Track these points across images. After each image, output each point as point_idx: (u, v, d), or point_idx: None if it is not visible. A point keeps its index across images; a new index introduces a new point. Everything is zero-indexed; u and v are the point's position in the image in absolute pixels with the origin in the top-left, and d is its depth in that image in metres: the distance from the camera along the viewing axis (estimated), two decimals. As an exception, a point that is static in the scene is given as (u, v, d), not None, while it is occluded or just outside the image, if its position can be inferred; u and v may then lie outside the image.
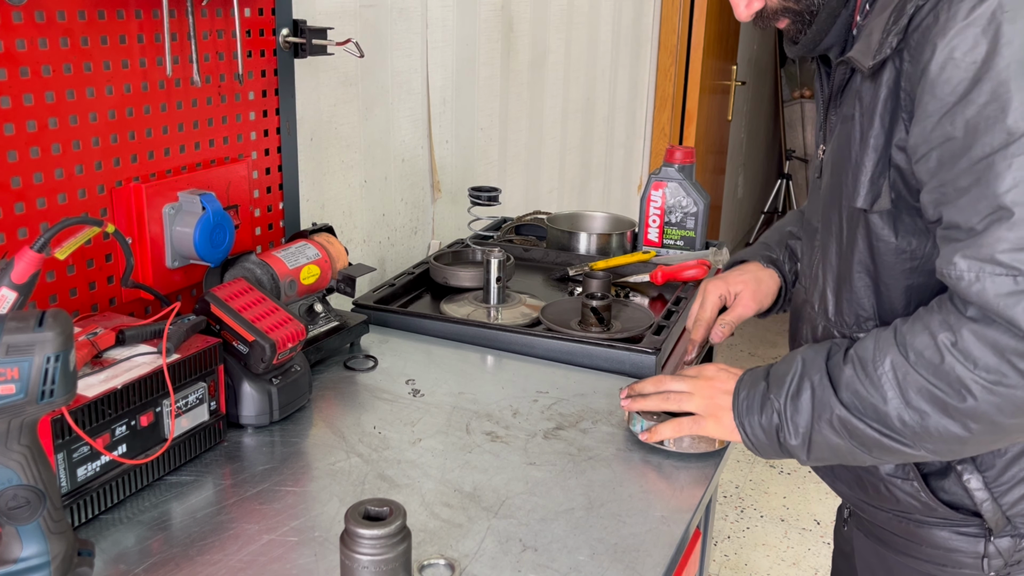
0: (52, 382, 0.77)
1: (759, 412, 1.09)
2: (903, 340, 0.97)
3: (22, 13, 1.10)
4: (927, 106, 0.94)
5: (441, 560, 0.97)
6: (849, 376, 1.01)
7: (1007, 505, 1.08)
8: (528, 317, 1.67)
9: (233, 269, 1.36)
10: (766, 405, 1.08)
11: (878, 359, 0.99)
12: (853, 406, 1.00)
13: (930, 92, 0.93)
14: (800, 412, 1.05)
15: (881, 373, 0.98)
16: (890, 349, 0.98)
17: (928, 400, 0.95)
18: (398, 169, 2.06)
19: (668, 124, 4.02)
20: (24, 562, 0.81)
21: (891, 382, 0.97)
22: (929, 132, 0.94)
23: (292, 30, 1.53)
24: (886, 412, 0.98)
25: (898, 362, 0.97)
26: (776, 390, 1.08)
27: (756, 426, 1.09)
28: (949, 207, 0.94)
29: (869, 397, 0.99)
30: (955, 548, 1.12)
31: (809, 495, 3.29)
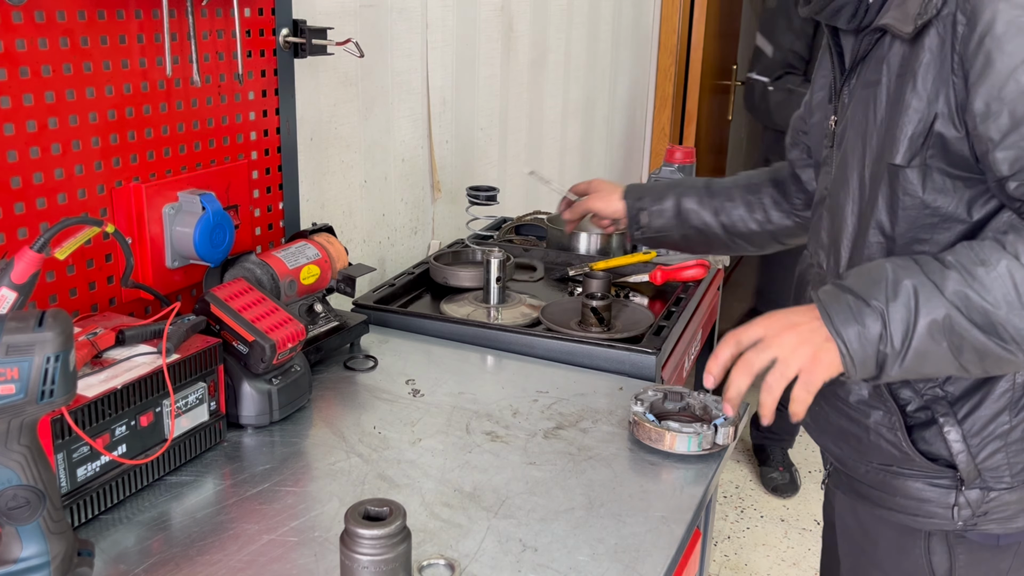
0: (52, 382, 0.77)
1: (859, 322, 1.01)
2: (1015, 249, 0.98)
3: (22, 13, 1.10)
4: (995, 64, 0.96)
5: (441, 560, 0.97)
6: (956, 280, 0.99)
7: (980, 459, 1.13)
8: (528, 317, 1.67)
9: (233, 269, 1.36)
10: (864, 312, 1.01)
11: (989, 264, 0.98)
12: (961, 308, 0.98)
13: (998, 50, 0.95)
14: (900, 314, 1.00)
15: (994, 278, 0.97)
16: (1002, 256, 0.98)
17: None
18: (398, 169, 2.06)
19: (668, 124, 4.02)
20: (24, 562, 0.81)
21: (1007, 286, 0.97)
22: (1000, 90, 0.96)
23: (292, 30, 1.53)
24: (998, 315, 0.97)
25: (1014, 267, 0.97)
26: (875, 295, 1.01)
27: (856, 338, 1.01)
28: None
29: (981, 301, 0.97)
30: (927, 499, 1.17)
31: (809, 495, 3.29)
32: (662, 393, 1.31)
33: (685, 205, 1.53)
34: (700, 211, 1.53)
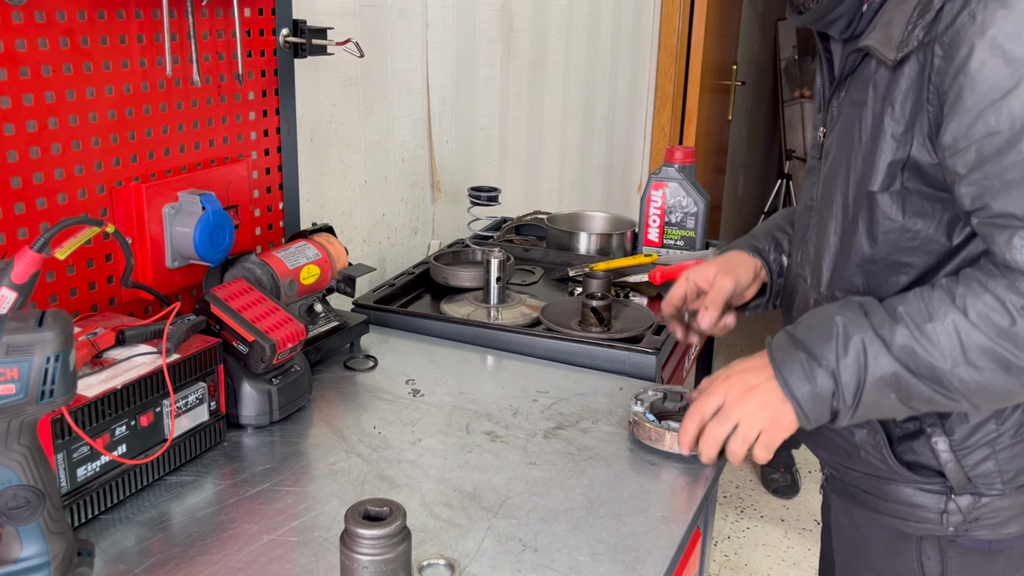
0: (52, 382, 0.77)
1: (811, 381, 1.05)
2: (963, 302, 0.99)
3: (22, 13, 1.10)
4: (966, 101, 0.96)
5: (441, 560, 0.97)
6: (904, 335, 1.01)
7: (968, 467, 1.14)
8: (528, 317, 1.67)
9: (233, 269, 1.36)
10: (816, 372, 1.05)
11: (936, 319, 1.00)
12: (908, 364, 1.01)
13: (969, 87, 0.95)
14: (851, 372, 1.03)
15: (940, 333, 0.99)
16: (949, 309, 0.99)
17: (991, 359, 0.98)
18: (398, 169, 2.06)
19: (668, 124, 4.02)
20: (24, 562, 0.81)
21: (952, 341, 0.99)
22: (968, 127, 0.96)
23: (292, 30, 1.53)
24: (943, 370, 1.00)
25: (960, 322, 0.98)
26: (825, 353, 1.04)
27: (810, 397, 1.05)
28: (998, 199, 0.96)
29: (927, 356, 1.00)
30: (919, 504, 1.18)
31: (809, 495, 3.29)
32: (662, 393, 1.31)
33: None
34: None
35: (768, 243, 1.42)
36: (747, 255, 1.39)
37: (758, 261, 1.39)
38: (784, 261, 1.40)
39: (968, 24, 0.95)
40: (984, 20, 0.94)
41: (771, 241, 1.42)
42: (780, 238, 1.43)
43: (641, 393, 1.30)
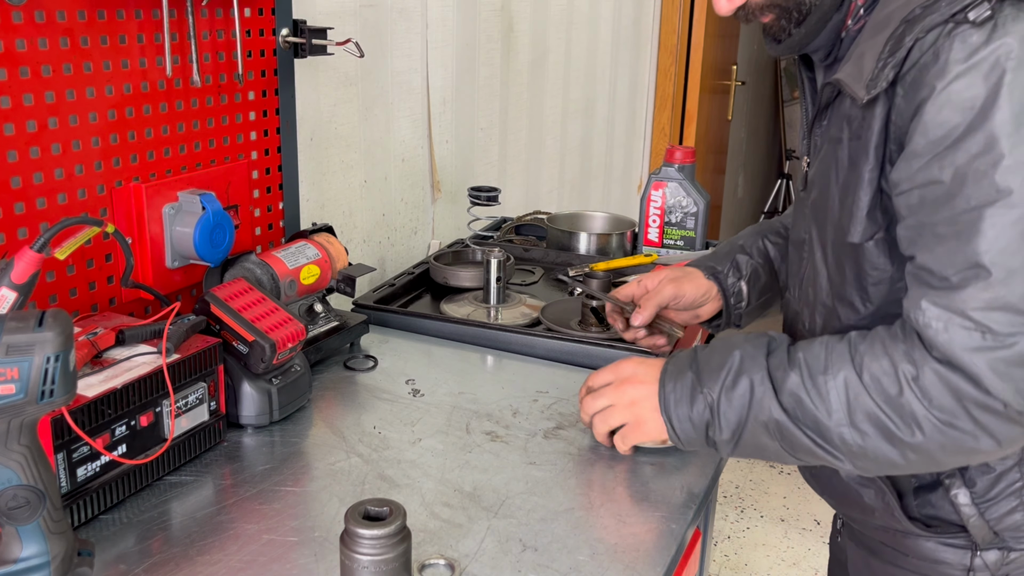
0: (52, 382, 0.77)
1: (689, 404, 1.06)
2: (860, 361, 0.96)
3: (22, 13, 1.10)
4: (916, 145, 0.91)
5: (441, 560, 0.97)
6: (795, 383, 0.99)
7: (994, 520, 1.07)
8: (528, 317, 1.67)
9: (233, 269, 1.36)
10: (696, 398, 1.05)
11: (830, 372, 0.97)
12: (793, 413, 0.99)
13: (922, 132, 0.91)
14: (733, 408, 1.03)
15: (831, 388, 0.97)
16: (844, 365, 0.97)
17: (875, 425, 0.95)
18: (398, 169, 2.06)
19: (668, 124, 4.02)
20: (24, 562, 0.81)
21: (840, 399, 0.97)
22: (915, 171, 0.92)
23: (292, 30, 1.53)
24: (827, 426, 0.97)
25: (852, 381, 0.96)
26: (709, 382, 1.04)
27: (685, 419, 1.06)
28: (924, 251, 0.93)
29: (813, 409, 0.98)
30: (942, 560, 1.12)
31: (809, 495, 3.29)
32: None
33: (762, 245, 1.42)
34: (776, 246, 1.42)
35: (727, 265, 1.39)
36: (702, 276, 1.38)
37: (713, 285, 1.38)
38: (743, 287, 1.38)
39: (931, 64, 0.89)
40: (947, 62, 0.88)
41: (731, 264, 1.39)
42: (741, 261, 1.39)
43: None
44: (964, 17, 0.87)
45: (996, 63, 0.86)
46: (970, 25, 0.87)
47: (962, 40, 0.88)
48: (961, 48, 0.88)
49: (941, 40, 0.89)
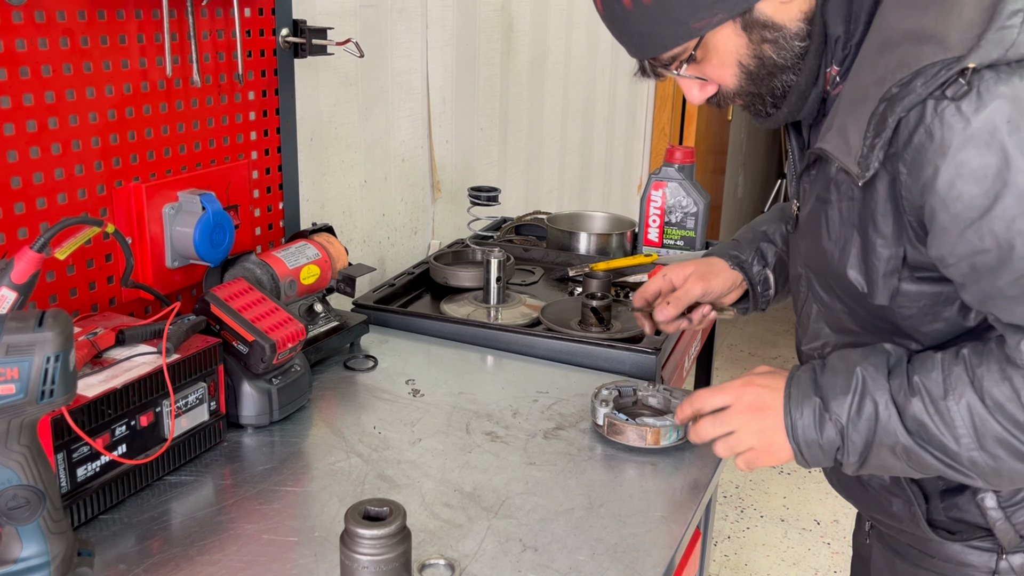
0: (52, 382, 0.77)
1: (818, 431, 1.04)
2: (980, 385, 0.96)
3: (22, 13, 1.10)
4: (941, 221, 0.92)
5: (441, 560, 0.97)
6: (918, 409, 0.98)
7: (1020, 524, 1.08)
8: (528, 317, 1.67)
9: (233, 269, 1.36)
10: (825, 424, 1.03)
11: (951, 399, 0.97)
12: (920, 437, 0.99)
13: (942, 208, 0.91)
14: (860, 433, 1.02)
15: (955, 415, 0.96)
16: (965, 391, 0.96)
17: (1006, 448, 0.96)
18: (398, 169, 2.06)
19: (668, 124, 4.02)
20: (24, 562, 0.81)
21: (966, 426, 0.96)
22: (953, 246, 0.93)
23: (292, 30, 1.53)
24: (956, 452, 0.97)
25: (976, 408, 0.96)
26: (836, 408, 1.03)
27: (814, 446, 1.05)
28: (1003, 311, 0.94)
29: (939, 435, 0.98)
30: (967, 562, 1.12)
31: (809, 495, 3.29)
32: (616, 391, 1.31)
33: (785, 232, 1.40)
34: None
35: (752, 254, 1.38)
36: (727, 266, 1.37)
37: (739, 275, 1.37)
38: (769, 275, 1.37)
39: (927, 143, 0.90)
40: (943, 139, 0.88)
41: (755, 253, 1.39)
42: (765, 249, 1.39)
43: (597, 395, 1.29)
44: (942, 95, 0.88)
45: (994, 129, 0.87)
46: (952, 100, 0.88)
47: (952, 115, 0.88)
48: (954, 123, 0.88)
49: (930, 118, 0.89)
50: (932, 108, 0.89)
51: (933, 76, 0.88)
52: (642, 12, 0.98)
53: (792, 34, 1.01)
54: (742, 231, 1.45)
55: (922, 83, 0.89)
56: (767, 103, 1.07)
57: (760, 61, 1.02)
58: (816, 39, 1.01)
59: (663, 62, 1.04)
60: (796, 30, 1.01)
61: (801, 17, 1.01)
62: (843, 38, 1.01)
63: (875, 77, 0.94)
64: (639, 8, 0.98)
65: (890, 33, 0.95)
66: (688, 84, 1.07)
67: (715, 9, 0.97)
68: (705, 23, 0.98)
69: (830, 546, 3.00)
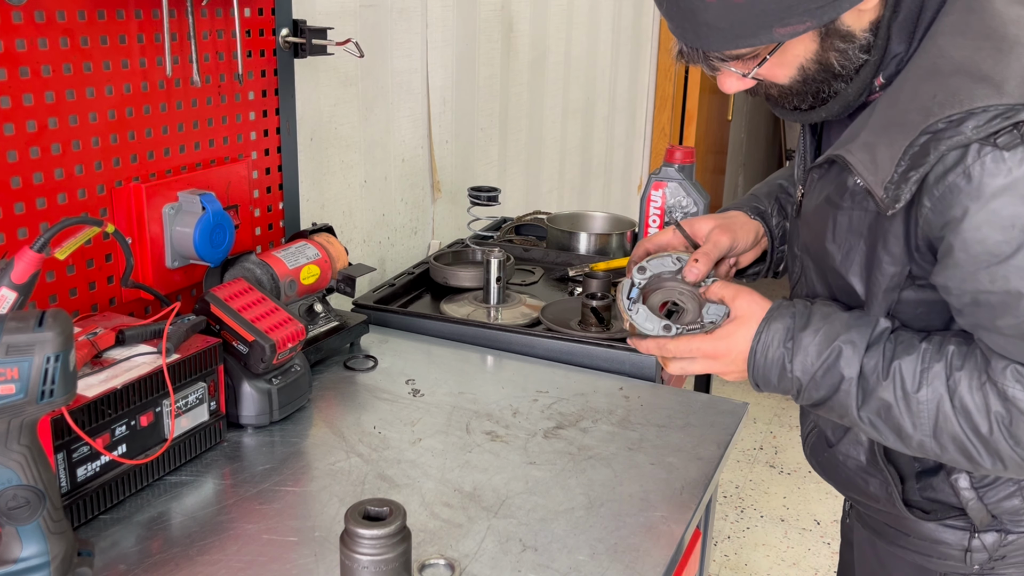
0: (52, 382, 0.77)
1: (777, 379, 1.06)
2: (955, 387, 0.97)
3: (22, 13, 1.10)
4: (958, 257, 0.92)
5: (441, 560, 0.97)
6: (887, 393, 1.00)
7: (992, 503, 1.10)
8: (528, 317, 1.67)
9: (233, 269, 1.36)
10: (785, 377, 1.05)
11: (923, 390, 0.98)
12: (878, 414, 1.01)
13: (962, 248, 0.92)
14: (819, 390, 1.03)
15: (923, 408, 0.98)
16: (939, 388, 0.98)
17: (957, 446, 0.98)
18: (398, 169, 2.06)
19: (668, 124, 4.02)
20: (24, 562, 0.81)
21: (928, 418, 0.98)
22: (961, 281, 0.94)
23: (292, 30, 1.53)
24: (910, 435, 1.00)
25: (944, 406, 0.97)
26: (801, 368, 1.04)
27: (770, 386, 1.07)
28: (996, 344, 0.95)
29: (899, 418, 0.99)
30: (941, 540, 1.15)
31: (809, 495, 3.29)
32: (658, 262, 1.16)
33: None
34: None
35: (771, 205, 1.33)
36: (748, 217, 1.29)
37: (760, 225, 1.30)
38: (787, 227, 1.31)
39: (963, 184, 0.90)
40: (981, 183, 0.89)
41: (774, 203, 1.33)
42: (784, 201, 1.34)
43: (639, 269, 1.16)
44: (994, 142, 0.88)
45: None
46: (1000, 149, 0.88)
47: (995, 161, 0.88)
48: (995, 169, 0.88)
49: (971, 160, 0.89)
50: (976, 151, 0.89)
51: (987, 122, 0.88)
52: (726, 8, 0.93)
53: (860, 46, 0.99)
54: (758, 186, 1.40)
55: (973, 126, 0.89)
56: (806, 102, 1.05)
57: (822, 67, 1.01)
58: (877, 52, 1.00)
59: (724, 57, 1.00)
60: (864, 41, 0.99)
61: (869, 28, 0.99)
62: (901, 55, 1.00)
63: (918, 104, 0.93)
64: (724, 3, 0.93)
65: (940, 60, 0.94)
66: (730, 74, 1.04)
67: (804, 17, 0.94)
68: (790, 30, 0.95)
69: (830, 546, 3.00)
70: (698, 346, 1.09)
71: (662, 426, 1.31)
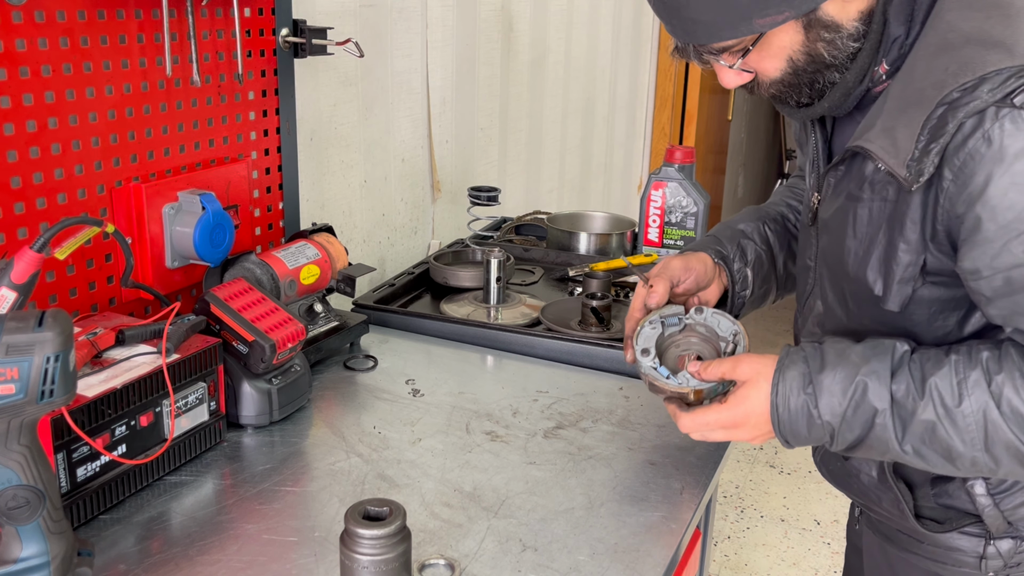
0: (52, 382, 0.77)
1: (807, 430, 1.02)
2: (1000, 391, 0.94)
3: (22, 13, 1.10)
4: (986, 231, 0.90)
5: (441, 560, 0.97)
6: (929, 413, 0.96)
7: (1008, 510, 1.09)
8: (528, 317, 1.67)
9: (233, 269, 1.36)
10: (814, 426, 1.01)
11: (965, 402, 0.95)
12: (922, 440, 0.97)
13: (990, 218, 0.89)
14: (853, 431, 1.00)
15: (970, 420, 0.95)
16: (983, 396, 0.95)
17: (1012, 454, 0.95)
18: (398, 169, 2.06)
19: (668, 124, 4.02)
20: (24, 562, 0.81)
21: (978, 430, 0.95)
22: (993, 257, 0.91)
23: (292, 30, 1.53)
24: (962, 452, 0.96)
25: (991, 414, 0.95)
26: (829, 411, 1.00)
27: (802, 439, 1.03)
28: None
29: (947, 437, 0.96)
30: (956, 547, 1.13)
31: (809, 495, 3.29)
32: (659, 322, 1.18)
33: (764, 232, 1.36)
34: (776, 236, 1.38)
35: (733, 250, 1.33)
36: (710, 259, 1.30)
37: (719, 267, 1.31)
38: (748, 274, 1.33)
39: (984, 149, 0.88)
40: (1002, 145, 0.87)
41: (736, 249, 1.33)
42: (747, 247, 1.34)
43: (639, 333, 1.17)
44: (1011, 102, 0.87)
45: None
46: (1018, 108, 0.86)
47: (1013, 122, 0.87)
48: (1015, 130, 0.87)
49: (989, 124, 0.88)
50: (993, 114, 0.87)
51: (1002, 83, 0.87)
52: (707, 1, 0.95)
53: (848, 34, 0.99)
54: (719, 228, 1.40)
55: (988, 89, 0.88)
56: (803, 94, 1.05)
57: (811, 58, 1.01)
58: (872, 39, 1.00)
59: (713, 50, 1.02)
60: (852, 30, 0.99)
61: (858, 17, 0.99)
62: (902, 38, 0.99)
63: (932, 79, 0.92)
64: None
65: (950, 34, 0.93)
66: (726, 68, 1.05)
67: (783, 7, 0.95)
68: (769, 20, 0.96)
69: (830, 546, 3.00)
70: (715, 418, 1.07)
71: (662, 426, 1.31)
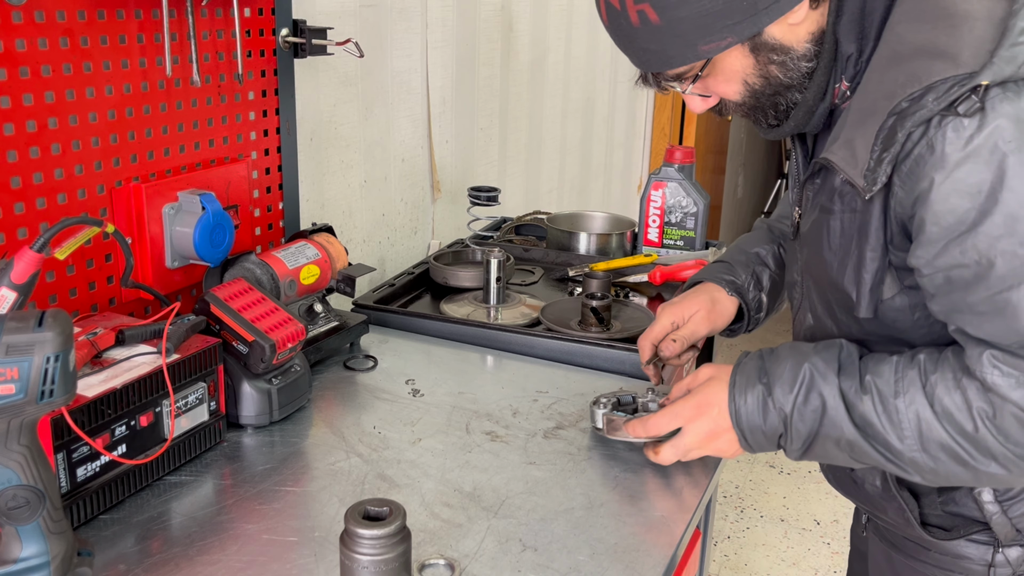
0: (52, 382, 0.77)
1: (761, 417, 1.07)
2: (932, 392, 0.97)
3: (22, 13, 1.10)
4: (930, 233, 0.93)
5: (441, 560, 0.97)
6: (867, 408, 1.00)
7: (1016, 517, 1.09)
8: (528, 317, 1.67)
9: (233, 269, 1.36)
10: (769, 411, 1.06)
11: (901, 400, 0.98)
12: (865, 433, 1.01)
13: (932, 220, 0.92)
14: (805, 423, 1.04)
15: (903, 416, 0.98)
16: (916, 395, 0.98)
17: (948, 454, 0.97)
18: (398, 169, 2.06)
19: (668, 124, 4.02)
20: (24, 562, 0.81)
21: (912, 428, 0.98)
22: (934, 257, 0.94)
23: (292, 30, 1.53)
24: (900, 450, 0.99)
25: (924, 413, 0.97)
26: (781, 396, 1.05)
27: (757, 432, 1.08)
28: (971, 326, 0.95)
29: (884, 433, 0.99)
30: (964, 555, 1.13)
31: (809, 495, 3.29)
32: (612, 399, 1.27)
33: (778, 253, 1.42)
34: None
35: (748, 279, 1.38)
36: (725, 294, 1.37)
37: (737, 301, 1.37)
38: (763, 299, 1.38)
39: (927, 155, 0.91)
40: (944, 152, 0.90)
41: (751, 277, 1.39)
42: (761, 274, 1.39)
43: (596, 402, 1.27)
44: (955, 111, 0.89)
45: (994, 147, 0.88)
46: (961, 116, 0.89)
47: (955, 130, 0.89)
48: (955, 138, 0.89)
49: (933, 131, 0.90)
50: (937, 122, 0.90)
51: (945, 92, 0.89)
52: (650, 30, 0.97)
53: (799, 55, 1.01)
54: (731, 251, 1.45)
55: (934, 98, 0.89)
56: (769, 116, 1.07)
57: (766, 80, 1.03)
58: (825, 58, 1.02)
59: (668, 77, 1.04)
60: (803, 51, 1.01)
61: (809, 38, 1.01)
62: (855, 55, 1.01)
63: (884, 91, 0.95)
64: (647, 26, 0.97)
65: (900, 47, 0.95)
66: (690, 94, 1.08)
67: (724, 33, 0.97)
68: (714, 46, 0.98)
69: (830, 546, 3.00)
70: (678, 410, 1.13)
71: (662, 426, 1.31)
